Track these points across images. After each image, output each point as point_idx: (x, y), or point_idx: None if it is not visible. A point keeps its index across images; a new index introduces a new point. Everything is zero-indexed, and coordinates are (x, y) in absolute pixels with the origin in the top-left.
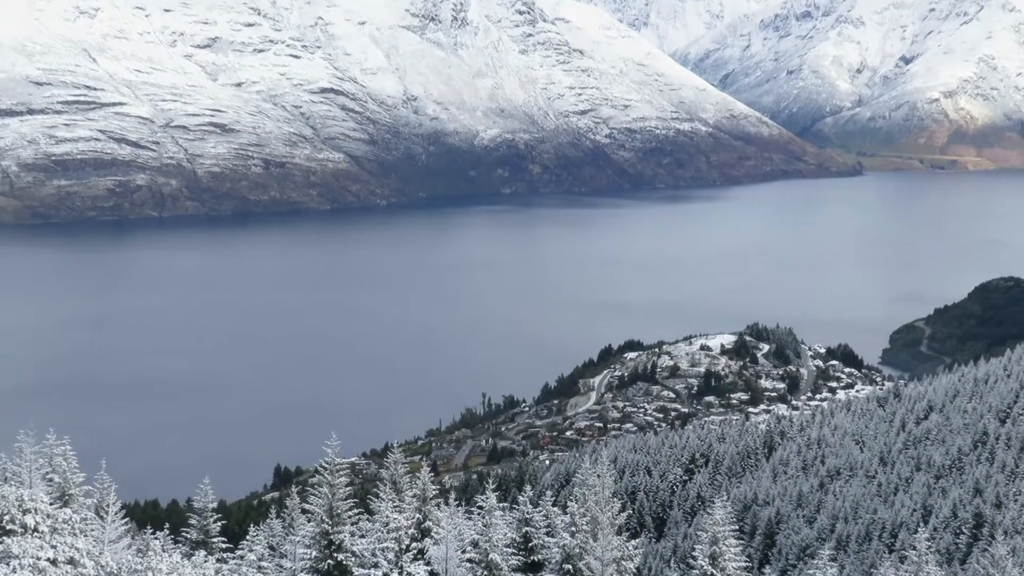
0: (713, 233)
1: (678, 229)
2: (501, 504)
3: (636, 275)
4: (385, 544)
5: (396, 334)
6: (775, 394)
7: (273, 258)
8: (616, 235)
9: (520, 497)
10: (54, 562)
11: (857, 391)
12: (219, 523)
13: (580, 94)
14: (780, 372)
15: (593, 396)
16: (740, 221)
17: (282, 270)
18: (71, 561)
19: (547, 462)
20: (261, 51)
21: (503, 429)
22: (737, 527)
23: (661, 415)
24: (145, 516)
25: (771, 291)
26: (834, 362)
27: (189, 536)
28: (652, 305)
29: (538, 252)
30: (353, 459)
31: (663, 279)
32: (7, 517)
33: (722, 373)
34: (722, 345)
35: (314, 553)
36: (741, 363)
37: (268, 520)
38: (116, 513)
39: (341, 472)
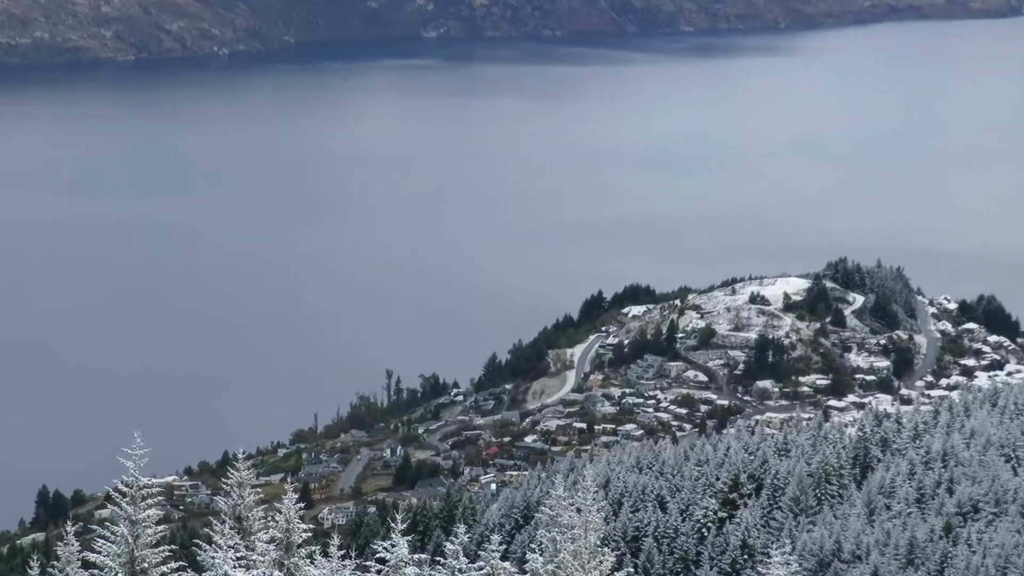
0: (773, 110)
1: (715, 103)
2: (417, 556)
3: (645, 179)
4: None
5: (244, 273)
6: (873, 378)
7: (39, 143)
8: (612, 111)
9: (449, 544)
10: None
11: (1009, 374)
12: None
13: None
14: (882, 341)
15: (571, 378)
16: (818, 91)
17: (53, 163)
18: None
19: (493, 486)
20: None
21: (421, 431)
22: None
23: (684, 410)
24: None
25: (868, 208)
26: (971, 325)
27: None
28: (670, 228)
29: (483, 138)
30: (170, 478)
31: (689, 186)
32: None
33: (786, 342)
34: (786, 295)
35: None
36: (818, 326)
37: None
38: None
39: (149, 500)
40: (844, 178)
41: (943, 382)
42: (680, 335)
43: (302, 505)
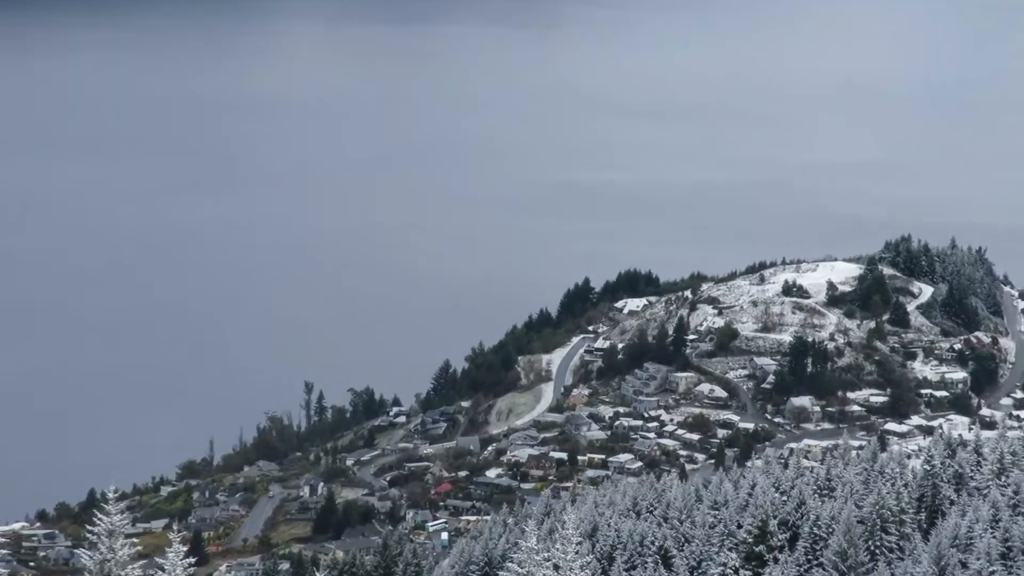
0: (816, 47)
1: (740, 36)
2: None
3: (647, 132)
4: None
5: (120, 255)
6: (945, 393)
7: None
8: (606, 44)
9: None
10: None
11: None
12: None
13: None
14: (956, 346)
15: (548, 393)
16: (875, 22)
17: None
18: None
19: (445, 535)
20: None
21: (350, 464)
22: None
23: (695, 435)
24: None
25: (939, 172)
26: None
27: None
28: (679, 196)
29: (435, 79)
30: (17, 526)
31: (705, 142)
32: None
33: (830, 347)
34: (831, 285)
35: None
36: (872, 325)
37: None
38: None
39: None
40: (908, 133)
41: None
42: (691, 337)
43: (192, 561)
